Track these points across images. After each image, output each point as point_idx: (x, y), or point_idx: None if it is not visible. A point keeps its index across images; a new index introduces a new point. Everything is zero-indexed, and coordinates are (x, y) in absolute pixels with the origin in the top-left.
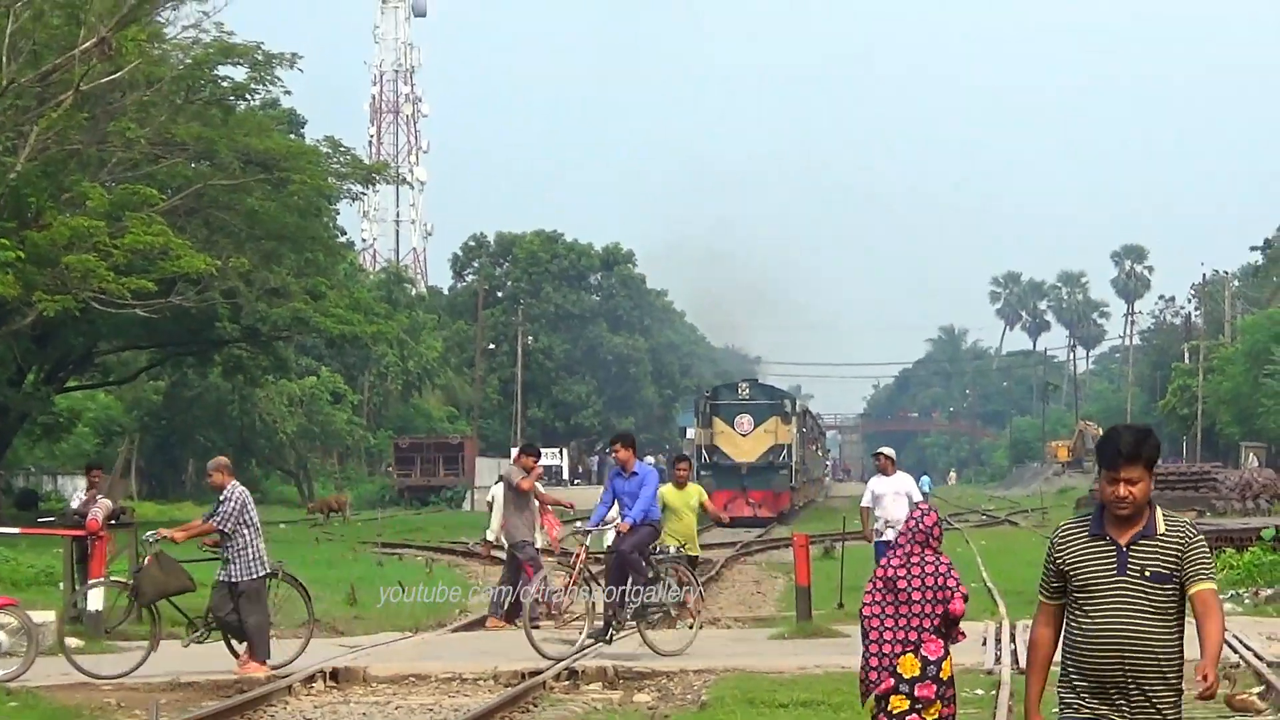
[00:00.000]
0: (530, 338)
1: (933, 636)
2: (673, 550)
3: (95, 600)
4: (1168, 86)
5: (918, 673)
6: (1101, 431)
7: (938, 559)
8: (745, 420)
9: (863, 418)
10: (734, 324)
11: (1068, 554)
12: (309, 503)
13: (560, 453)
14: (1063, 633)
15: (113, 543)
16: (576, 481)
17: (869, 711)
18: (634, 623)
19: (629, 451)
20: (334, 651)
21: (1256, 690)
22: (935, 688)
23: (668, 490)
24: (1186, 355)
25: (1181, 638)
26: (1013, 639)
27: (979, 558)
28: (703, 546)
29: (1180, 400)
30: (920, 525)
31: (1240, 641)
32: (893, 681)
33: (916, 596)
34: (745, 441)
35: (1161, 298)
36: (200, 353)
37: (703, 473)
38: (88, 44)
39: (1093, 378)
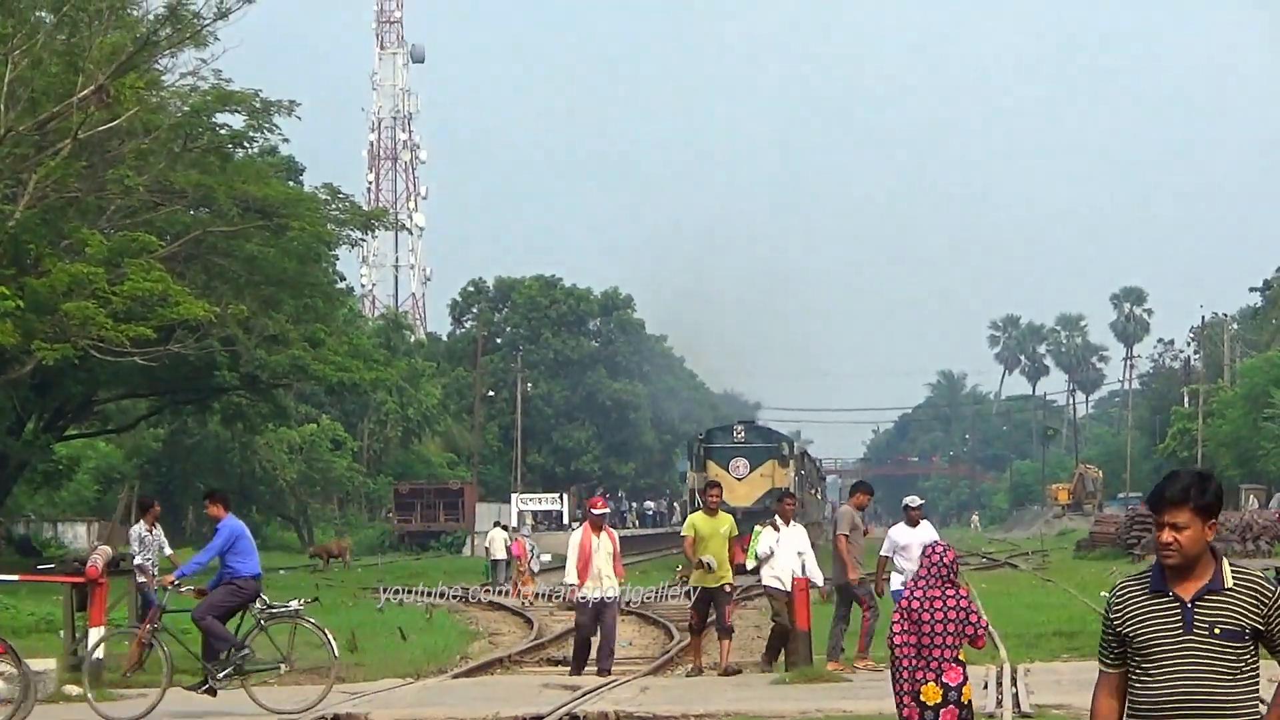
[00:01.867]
0: (529, 384)
1: (953, 665)
2: (294, 605)
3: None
4: (1166, 127)
5: (940, 699)
6: (1101, 475)
7: (958, 593)
8: (741, 464)
9: (862, 462)
10: (731, 368)
11: (1126, 614)
12: (310, 547)
13: (560, 498)
14: (1127, 702)
15: (112, 590)
16: (574, 526)
17: None
18: (237, 679)
19: (217, 506)
20: (336, 698)
21: None
22: (958, 711)
23: (698, 517)
24: (1186, 399)
25: (1257, 699)
26: (1014, 682)
27: (979, 601)
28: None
29: (1180, 443)
30: (942, 561)
31: None
32: (919, 711)
33: (939, 629)
34: (741, 486)
35: (1160, 341)
36: (200, 400)
37: None
38: (86, 92)
39: (1092, 422)
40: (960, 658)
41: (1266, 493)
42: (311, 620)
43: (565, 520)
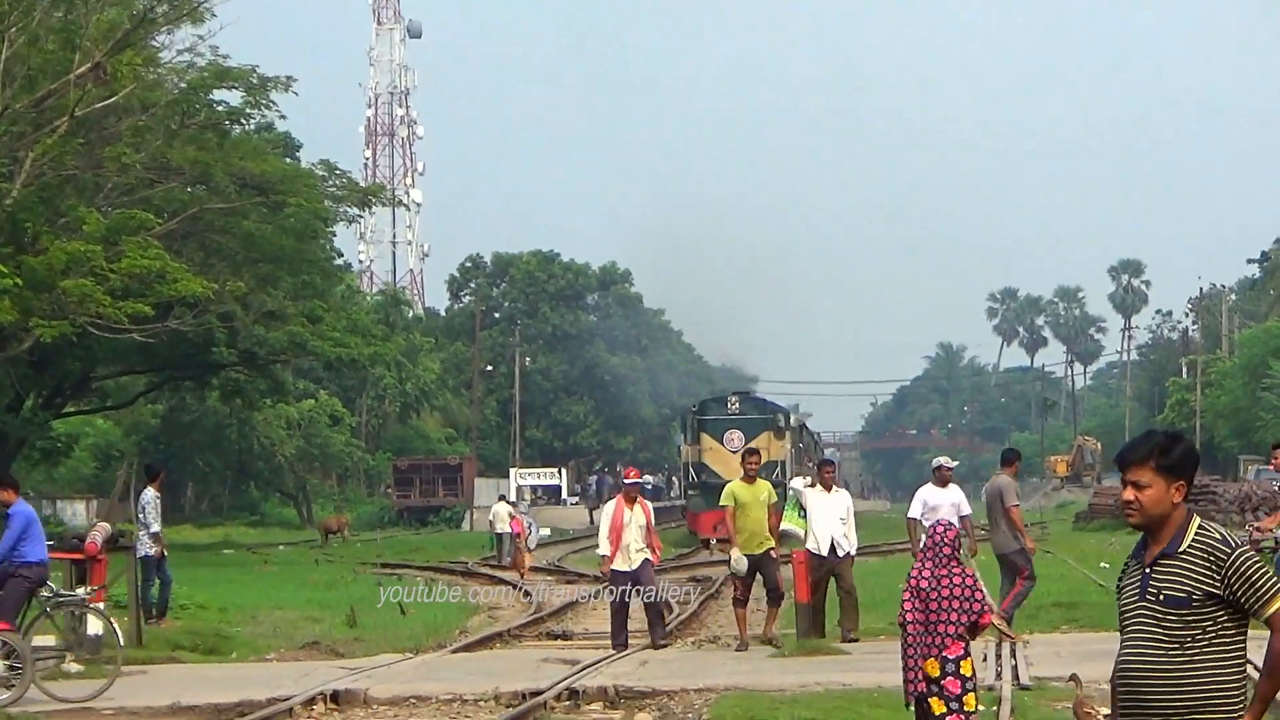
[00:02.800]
0: (528, 358)
1: (954, 640)
2: (80, 593)
3: (94, 624)
4: (1164, 99)
5: (939, 672)
6: (1100, 447)
7: (963, 571)
8: (735, 436)
9: (861, 435)
10: (729, 342)
11: (1120, 579)
12: (318, 522)
13: (559, 472)
14: None
15: (111, 566)
16: (574, 500)
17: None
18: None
19: (8, 491)
20: (334, 673)
21: (1105, 711)
22: (960, 682)
23: (737, 486)
24: (1184, 370)
25: (1221, 673)
26: (1013, 655)
27: (978, 573)
28: (701, 564)
29: (1178, 415)
30: (944, 540)
31: None
32: (925, 684)
33: (946, 606)
34: (735, 458)
35: (1159, 312)
36: (198, 376)
37: (690, 492)
38: (83, 69)
39: (1091, 393)
40: (964, 634)
41: (1265, 464)
42: (97, 608)
43: (563, 495)
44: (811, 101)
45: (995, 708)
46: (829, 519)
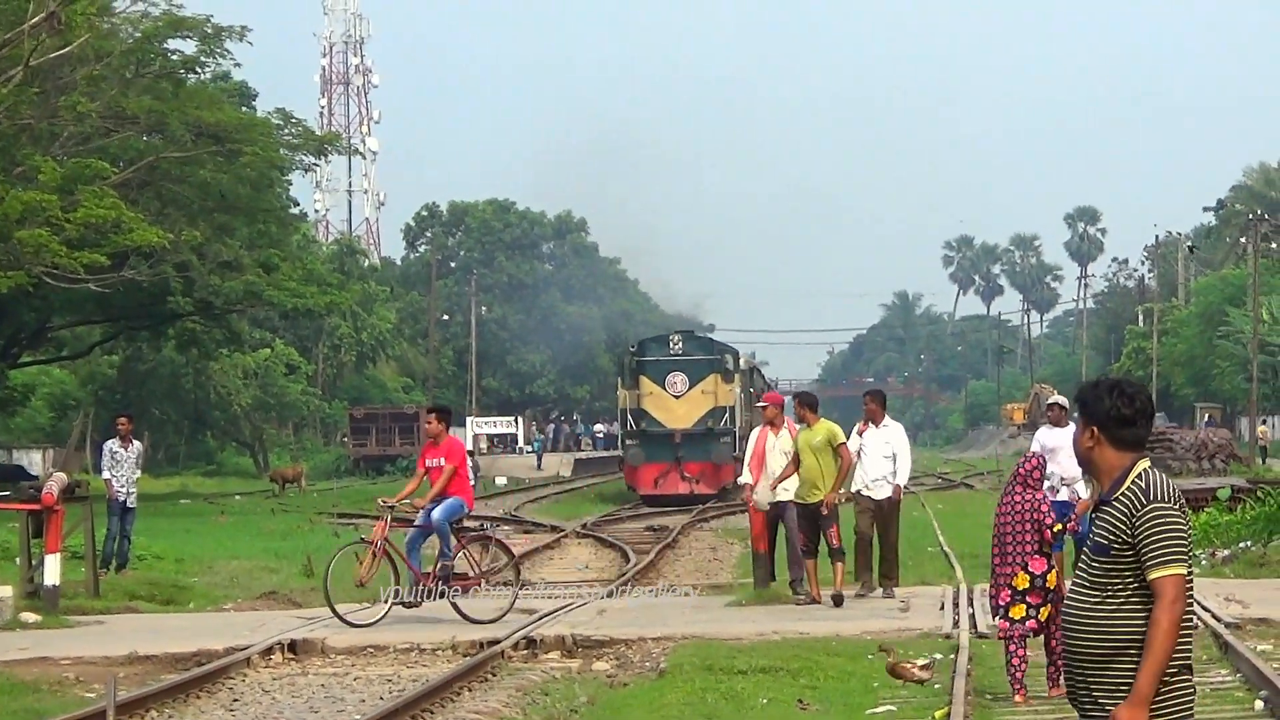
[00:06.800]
0: (484, 307)
1: (1034, 556)
2: None
3: (52, 574)
4: (1120, 46)
5: (1027, 585)
6: (1056, 394)
7: (1034, 496)
8: (678, 379)
9: (817, 383)
10: (686, 290)
11: None
12: (270, 471)
13: (516, 421)
14: None
15: (67, 517)
16: (529, 449)
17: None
18: None
19: None
20: (291, 623)
21: (921, 661)
22: (1042, 595)
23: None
24: (1140, 317)
25: (1142, 624)
26: (970, 603)
27: (935, 521)
28: (660, 513)
29: (1135, 362)
30: (1021, 469)
31: (1198, 603)
32: (1009, 594)
33: (1014, 529)
34: (678, 404)
35: (1115, 260)
36: (154, 326)
37: (628, 442)
38: (37, 19)
39: (1047, 341)
40: (1042, 550)
41: (1221, 411)
42: None
43: (520, 442)
44: (767, 47)
45: (953, 655)
46: (874, 456)
